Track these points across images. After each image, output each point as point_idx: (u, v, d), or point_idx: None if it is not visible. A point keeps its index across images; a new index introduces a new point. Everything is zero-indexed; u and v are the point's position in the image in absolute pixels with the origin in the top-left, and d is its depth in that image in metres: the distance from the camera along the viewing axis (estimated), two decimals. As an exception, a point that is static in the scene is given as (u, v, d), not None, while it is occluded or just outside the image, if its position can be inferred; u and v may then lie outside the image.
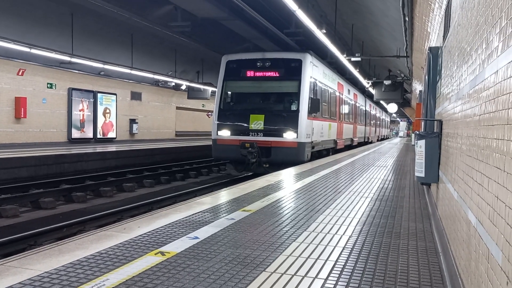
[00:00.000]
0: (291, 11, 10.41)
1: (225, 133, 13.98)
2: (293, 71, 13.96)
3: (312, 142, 14.50)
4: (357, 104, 27.14)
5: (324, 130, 16.66)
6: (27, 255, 3.50)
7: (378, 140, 43.35)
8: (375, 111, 39.64)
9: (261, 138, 13.53)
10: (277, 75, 14.07)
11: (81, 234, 4.22)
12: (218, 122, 14.18)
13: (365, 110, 31.53)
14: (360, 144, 29.23)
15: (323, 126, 16.31)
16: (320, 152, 16.70)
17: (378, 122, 44.18)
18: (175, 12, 16.51)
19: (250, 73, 14.32)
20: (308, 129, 13.93)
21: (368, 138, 33.77)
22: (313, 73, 14.65)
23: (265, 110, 13.84)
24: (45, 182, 11.88)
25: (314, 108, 14.23)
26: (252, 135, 13.63)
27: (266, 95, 14.40)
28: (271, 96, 14.40)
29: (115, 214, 9.17)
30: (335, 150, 19.54)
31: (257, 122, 13.62)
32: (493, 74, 2.20)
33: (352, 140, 24.63)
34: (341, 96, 20.65)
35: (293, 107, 13.89)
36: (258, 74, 14.25)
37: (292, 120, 13.50)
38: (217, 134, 14.13)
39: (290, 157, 13.31)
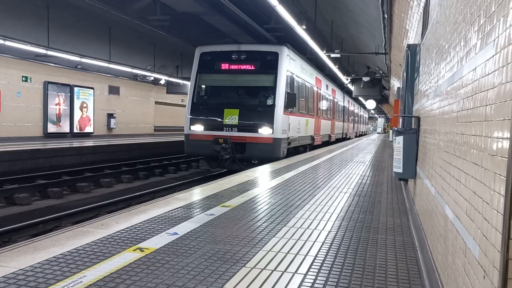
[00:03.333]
0: (271, 7, 10.40)
1: (198, 128, 13.44)
2: (269, 64, 13.42)
3: (288, 138, 14.03)
4: (335, 100, 26.51)
5: (301, 126, 16.17)
6: (1, 252, 3.41)
7: (356, 136, 43.00)
8: (353, 107, 39.03)
9: (235, 133, 12.98)
10: (253, 68, 13.54)
11: (57, 230, 4.14)
12: (191, 117, 13.61)
13: (343, 106, 31.02)
14: (338, 140, 28.67)
15: (300, 122, 15.83)
16: (297, 149, 16.33)
17: (356, 118, 43.72)
18: (154, 5, 16.31)
19: (224, 66, 13.76)
20: (284, 124, 13.46)
21: (346, 134, 33.19)
22: (290, 66, 14.17)
23: (240, 105, 13.32)
24: (20, 177, 11.62)
25: (291, 103, 13.85)
26: (226, 130, 13.08)
27: (241, 89, 13.87)
28: (246, 90, 13.86)
29: (92, 210, 9.03)
30: (313, 147, 19.14)
31: (231, 117, 13.08)
32: (471, 72, 2.23)
33: (329, 136, 24.11)
34: (319, 91, 20.20)
35: (269, 102, 13.39)
36: (233, 67, 13.69)
37: (267, 115, 13.00)
38: (189, 129, 13.58)
39: (266, 153, 12.85)
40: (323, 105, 21.59)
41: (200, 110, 13.60)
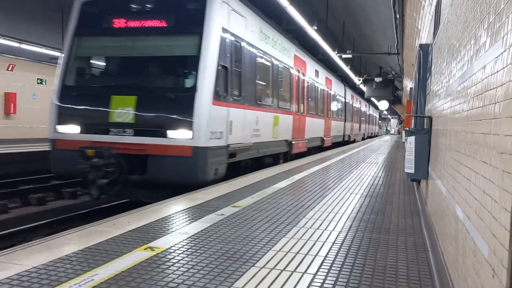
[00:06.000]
0: (283, 8, 10.42)
1: (69, 129, 7.97)
2: (190, 18, 7.91)
3: (228, 146, 8.32)
4: (332, 93, 20.70)
5: (262, 126, 10.42)
6: (15, 251, 3.47)
7: (364, 139, 36.85)
8: (359, 104, 32.66)
9: (129, 138, 7.53)
10: (163, 25, 8.01)
11: (70, 229, 4.20)
12: (59, 104, 8.10)
13: (345, 101, 25.28)
14: (338, 145, 23.43)
15: (258, 120, 10.10)
16: (259, 160, 10.86)
17: (364, 118, 36.99)
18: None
19: (118, 23, 8.21)
20: (218, 122, 7.86)
21: (349, 136, 27.30)
22: (232, 25, 8.55)
23: (138, 88, 7.76)
24: (35, 178, 11.78)
25: (232, 85, 8.41)
26: (114, 133, 7.61)
27: (142, 61, 8.20)
28: (150, 62, 8.22)
29: (106, 210, 9.11)
30: (292, 156, 13.89)
31: (124, 110, 7.60)
32: (480, 70, 2.22)
33: (322, 139, 18.51)
34: (301, 76, 14.44)
35: (188, 83, 7.76)
36: (131, 24, 8.15)
37: (184, 106, 7.46)
38: (55, 130, 8.08)
39: (181, 174, 7.36)
40: (310, 97, 15.90)
41: (74, 98, 8.08)
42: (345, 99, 25.18)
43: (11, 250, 3.49)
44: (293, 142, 13.47)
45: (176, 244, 3.78)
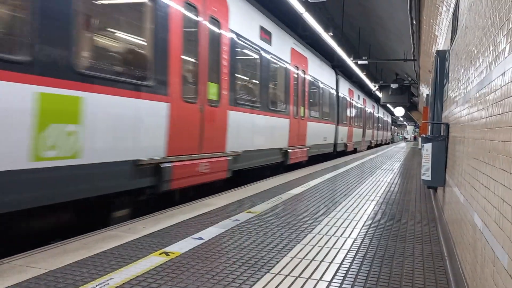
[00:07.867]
0: (298, 14, 10.44)
1: None
2: None
3: None
4: (309, 79, 13.40)
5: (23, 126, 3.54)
6: (32, 254, 3.51)
7: (370, 147, 30.01)
8: (363, 103, 25.07)
9: None
10: None
11: (86, 234, 4.24)
12: None
13: (338, 96, 18.08)
14: (325, 158, 17.22)
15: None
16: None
17: (371, 121, 29.27)
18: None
19: None
20: None
21: (346, 145, 19.79)
22: None
23: None
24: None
25: None
26: None
27: None
28: None
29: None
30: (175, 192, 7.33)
31: None
32: (500, 76, 2.19)
33: (285, 153, 11.04)
34: (214, 30, 6.95)
35: None
36: None
37: None
38: None
39: None
40: (249, 77, 9.07)
41: None
42: (337, 92, 17.85)
43: (28, 254, 3.54)
44: (173, 163, 5.78)
45: (191, 250, 3.79)
